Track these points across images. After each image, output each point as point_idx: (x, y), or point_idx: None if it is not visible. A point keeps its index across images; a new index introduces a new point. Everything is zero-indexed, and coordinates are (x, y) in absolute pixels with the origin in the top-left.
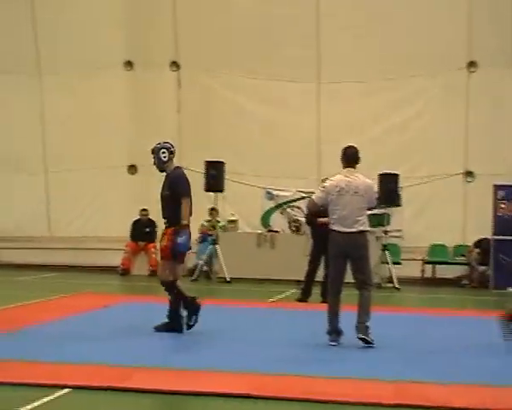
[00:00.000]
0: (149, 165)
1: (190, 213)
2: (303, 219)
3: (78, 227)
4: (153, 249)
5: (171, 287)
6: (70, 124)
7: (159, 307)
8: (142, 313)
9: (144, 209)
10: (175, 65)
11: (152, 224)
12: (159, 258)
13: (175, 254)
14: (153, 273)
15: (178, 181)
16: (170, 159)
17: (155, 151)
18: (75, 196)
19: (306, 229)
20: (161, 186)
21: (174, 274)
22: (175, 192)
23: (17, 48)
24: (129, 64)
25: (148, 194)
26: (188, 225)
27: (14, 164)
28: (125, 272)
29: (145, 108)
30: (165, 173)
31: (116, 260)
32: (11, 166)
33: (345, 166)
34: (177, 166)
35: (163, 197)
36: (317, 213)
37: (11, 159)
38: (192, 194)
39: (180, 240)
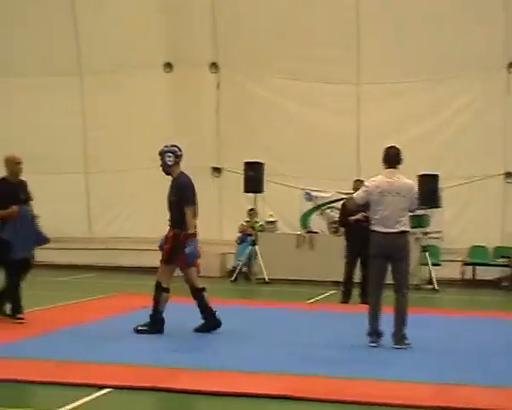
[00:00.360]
0: (189, 166)
1: (195, 216)
2: None
3: (117, 228)
4: None
5: (158, 288)
6: (110, 124)
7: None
8: (181, 313)
9: None
10: (214, 66)
11: None
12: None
13: (171, 259)
14: None
15: (184, 189)
16: (176, 163)
17: (162, 154)
18: (114, 197)
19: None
20: (169, 190)
21: (167, 279)
22: (181, 199)
23: (58, 49)
24: (168, 66)
25: None
26: (194, 234)
27: (55, 164)
28: None
29: (184, 108)
30: (171, 177)
31: (154, 261)
32: (52, 166)
33: (386, 167)
34: (182, 172)
35: (170, 202)
36: (349, 213)
37: (52, 159)
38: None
39: (188, 250)
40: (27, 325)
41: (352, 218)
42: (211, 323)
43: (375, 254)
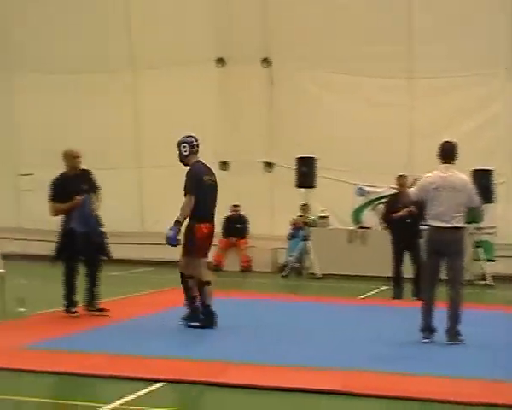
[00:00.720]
0: (241, 161)
1: (206, 209)
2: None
3: (170, 222)
4: (244, 245)
5: (184, 280)
6: (162, 120)
7: (249, 302)
8: (233, 308)
9: (236, 205)
10: (266, 61)
11: (243, 220)
12: (250, 254)
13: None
14: (244, 269)
15: (187, 177)
16: (191, 153)
17: (178, 145)
18: (167, 192)
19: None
20: None
21: (200, 272)
22: (185, 187)
23: (111, 46)
24: (220, 61)
25: (240, 190)
26: (180, 222)
27: (108, 160)
28: (216, 267)
29: (236, 104)
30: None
31: (208, 255)
32: (105, 162)
33: (442, 162)
34: (197, 161)
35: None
36: (391, 209)
37: (105, 155)
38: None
39: (167, 233)
40: (82, 319)
41: (396, 214)
42: (208, 321)
43: (429, 250)
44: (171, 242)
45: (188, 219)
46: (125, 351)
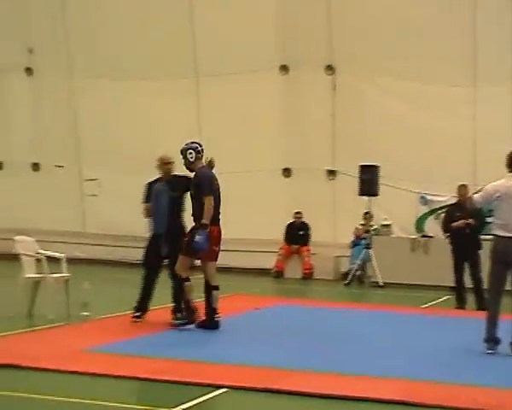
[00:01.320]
0: (304, 168)
1: (216, 213)
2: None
3: (233, 229)
4: (306, 252)
5: (180, 282)
6: (226, 126)
7: (311, 310)
8: (295, 315)
9: (298, 212)
10: (330, 68)
11: (305, 227)
12: (312, 261)
13: (191, 251)
14: (306, 276)
15: (201, 180)
16: (197, 158)
17: (183, 152)
18: (230, 199)
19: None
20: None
21: (187, 271)
22: (199, 191)
23: (175, 52)
24: (284, 68)
25: (302, 197)
26: (207, 225)
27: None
28: (278, 274)
29: (299, 111)
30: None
31: (269, 262)
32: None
33: (508, 171)
34: (202, 166)
35: (191, 196)
36: (450, 219)
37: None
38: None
39: (198, 238)
40: (146, 324)
41: (454, 224)
42: (211, 323)
43: (494, 260)
44: (200, 247)
45: (194, 222)
46: (185, 356)
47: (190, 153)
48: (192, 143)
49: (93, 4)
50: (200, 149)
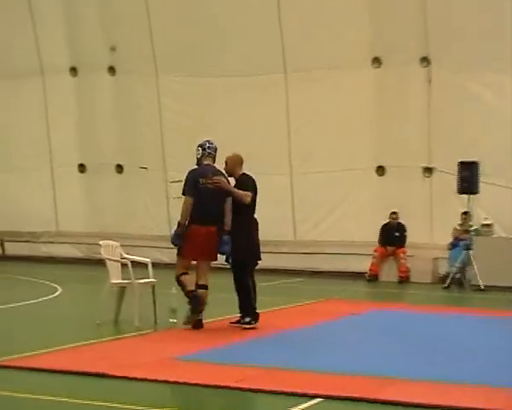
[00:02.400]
0: (398, 166)
1: (200, 212)
2: None
3: (324, 231)
4: (402, 255)
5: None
6: (315, 123)
7: (408, 315)
8: (392, 321)
9: (394, 212)
10: (425, 60)
11: (401, 228)
12: (408, 263)
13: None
14: (402, 280)
15: (185, 179)
16: (203, 155)
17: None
18: (321, 199)
19: None
20: None
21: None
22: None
23: (263, 47)
24: (377, 61)
25: (398, 196)
26: (179, 224)
27: (260, 165)
28: (372, 278)
29: (393, 106)
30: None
31: (363, 265)
32: (257, 166)
33: None
34: (207, 164)
35: None
36: None
37: (257, 159)
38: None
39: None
40: (235, 331)
41: None
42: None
43: None
44: (171, 241)
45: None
46: (278, 364)
47: (198, 149)
48: (205, 140)
49: (176, 2)
50: (207, 146)
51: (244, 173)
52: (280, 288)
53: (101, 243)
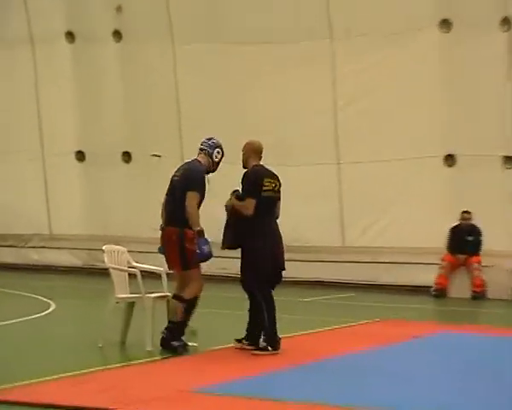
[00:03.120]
0: (472, 154)
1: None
2: None
3: (379, 234)
4: (476, 264)
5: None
6: (369, 101)
7: (484, 339)
8: (465, 346)
9: (466, 212)
10: (506, 22)
11: (476, 231)
12: (484, 276)
13: None
14: (476, 296)
15: None
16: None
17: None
18: (375, 194)
19: None
20: None
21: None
22: None
23: (303, 8)
24: (445, 24)
25: (471, 192)
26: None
27: (295, 153)
28: (439, 292)
29: (465, 80)
30: None
31: (428, 277)
32: (290, 155)
33: None
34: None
35: None
36: None
37: (292, 146)
38: None
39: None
40: (267, 358)
41: None
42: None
43: None
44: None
45: None
46: (321, 398)
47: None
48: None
49: None
50: (203, 142)
51: (256, 166)
52: (324, 305)
53: (104, 248)
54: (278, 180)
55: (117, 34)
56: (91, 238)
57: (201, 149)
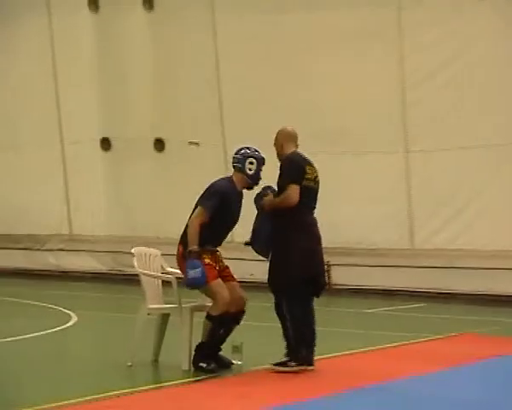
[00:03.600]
0: None
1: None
2: None
3: (455, 235)
4: None
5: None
6: (443, 77)
7: None
8: None
9: None
10: None
11: None
12: None
13: None
14: None
15: None
16: None
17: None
18: (450, 188)
19: None
20: None
21: None
22: None
23: None
24: None
25: None
26: None
27: (356, 140)
28: None
29: None
30: None
31: None
32: (350, 143)
33: None
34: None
35: None
36: None
37: (352, 133)
38: None
39: None
40: (321, 379)
41: None
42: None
43: None
44: None
45: None
46: None
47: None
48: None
49: None
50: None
51: (294, 152)
52: (389, 317)
53: (133, 250)
54: (317, 172)
55: (147, 1)
56: (118, 240)
57: (233, 166)
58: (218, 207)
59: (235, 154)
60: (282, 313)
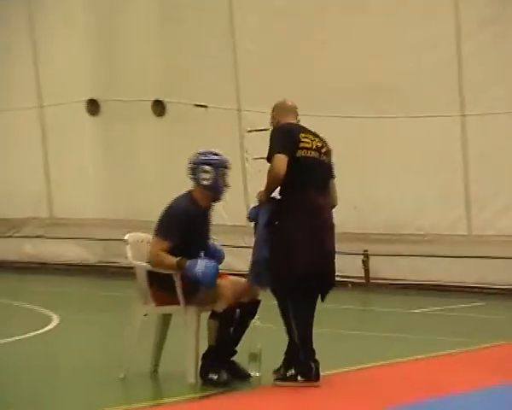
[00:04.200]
0: None
1: None
2: None
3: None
4: None
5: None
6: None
7: None
8: None
9: None
10: None
11: None
12: None
13: None
14: None
15: None
16: None
17: None
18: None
19: None
20: None
21: None
22: None
23: None
24: None
25: None
26: None
27: (397, 102)
28: None
29: None
30: None
31: None
32: (390, 105)
33: None
34: None
35: None
36: None
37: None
38: None
39: None
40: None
41: None
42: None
43: None
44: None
45: None
46: None
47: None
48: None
49: None
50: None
51: (284, 123)
52: (441, 318)
53: (127, 237)
54: (325, 143)
55: None
56: (110, 224)
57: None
58: (181, 234)
59: (188, 163)
60: (285, 314)
